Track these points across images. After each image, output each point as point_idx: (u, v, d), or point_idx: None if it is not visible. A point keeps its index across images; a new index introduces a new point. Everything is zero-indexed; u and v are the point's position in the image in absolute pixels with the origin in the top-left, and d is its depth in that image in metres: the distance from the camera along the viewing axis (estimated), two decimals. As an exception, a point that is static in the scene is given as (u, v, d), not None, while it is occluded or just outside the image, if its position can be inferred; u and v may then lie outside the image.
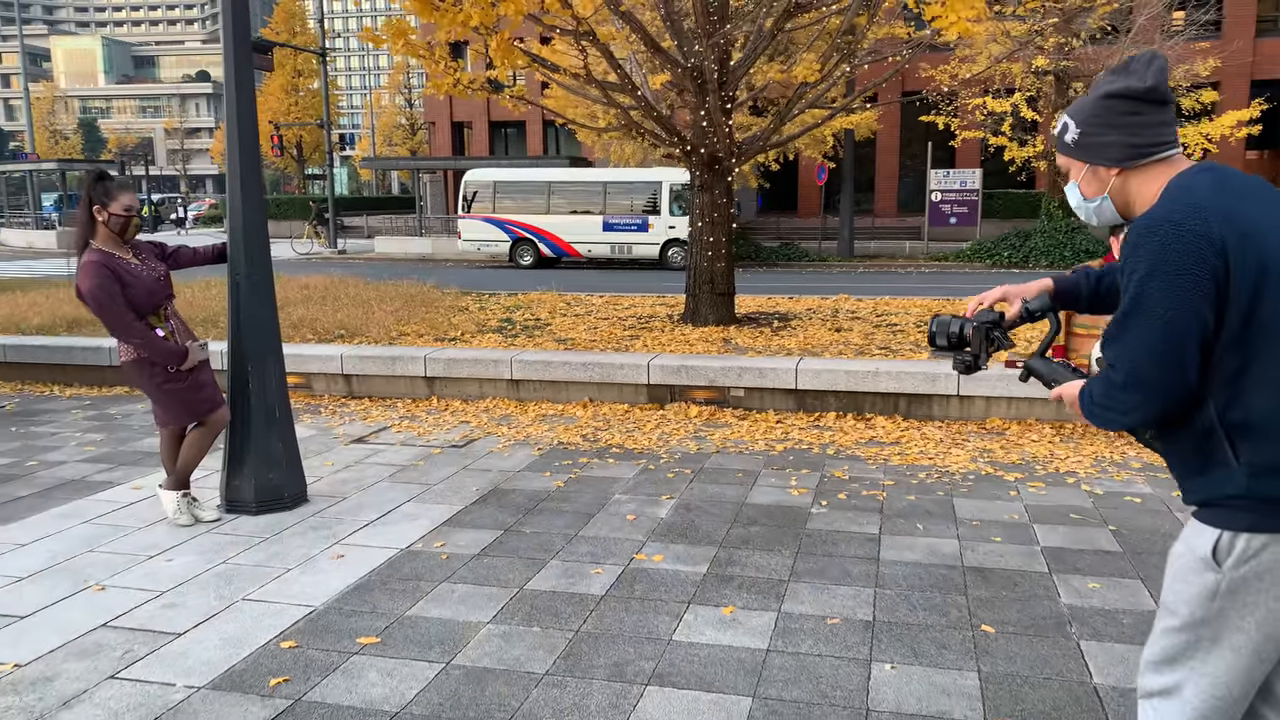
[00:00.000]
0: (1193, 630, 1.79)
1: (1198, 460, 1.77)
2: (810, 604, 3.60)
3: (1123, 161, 1.86)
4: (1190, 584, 1.78)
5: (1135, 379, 1.74)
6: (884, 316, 9.80)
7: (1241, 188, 1.77)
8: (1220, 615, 1.75)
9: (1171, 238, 1.69)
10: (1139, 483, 5.07)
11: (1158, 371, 1.71)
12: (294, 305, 9.83)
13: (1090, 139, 1.89)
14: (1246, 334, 1.67)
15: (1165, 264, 1.68)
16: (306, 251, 29.57)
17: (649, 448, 5.90)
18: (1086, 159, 1.91)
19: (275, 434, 4.73)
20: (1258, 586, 1.71)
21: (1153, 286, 1.70)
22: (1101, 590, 3.70)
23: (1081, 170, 1.93)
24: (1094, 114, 1.88)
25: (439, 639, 3.34)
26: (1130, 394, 1.75)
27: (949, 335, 2.22)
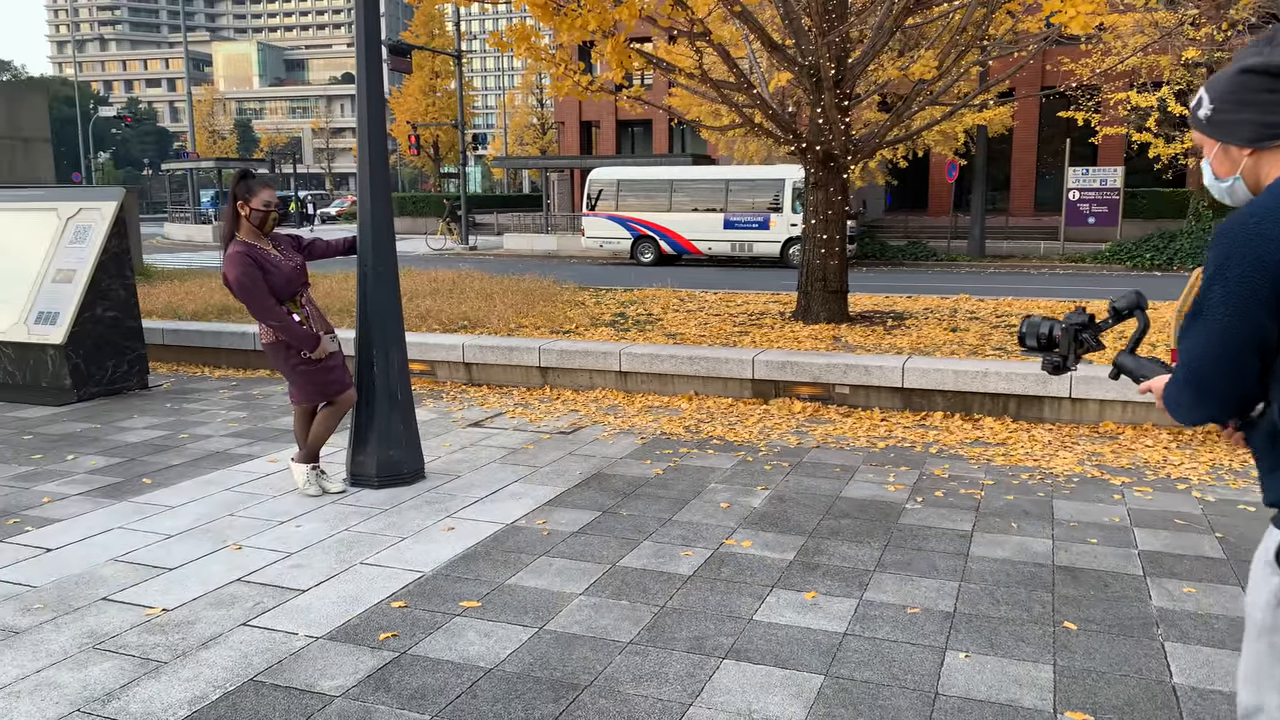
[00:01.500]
0: (1264, 638, 1.75)
1: (1268, 460, 1.74)
2: (892, 594, 3.68)
3: (1256, 141, 1.74)
4: (1259, 589, 1.76)
5: (1192, 380, 1.73)
6: (1004, 317, 9.60)
7: None
8: None
9: (1239, 240, 1.64)
10: (1256, 491, 4.89)
11: (1212, 375, 1.69)
12: (422, 297, 10.36)
13: (1223, 116, 1.77)
14: None
15: (1229, 268, 1.64)
16: (440, 247, 30.75)
17: (749, 440, 6.03)
18: (1218, 137, 1.80)
19: (397, 415, 5.09)
20: None
21: (1215, 290, 1.66)
22: (1196, 595, 3.63)
23: (1214, 148, 1.82)
24: (1229, 90, 1.76)
25: (534, 606, 3.58)
26: (1188, 393, 1.74)
27: (1038, 336, 2.25)
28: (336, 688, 2.97)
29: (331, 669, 3.10)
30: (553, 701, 2.89)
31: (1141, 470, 5.30)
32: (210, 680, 3.02)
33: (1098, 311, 2.28)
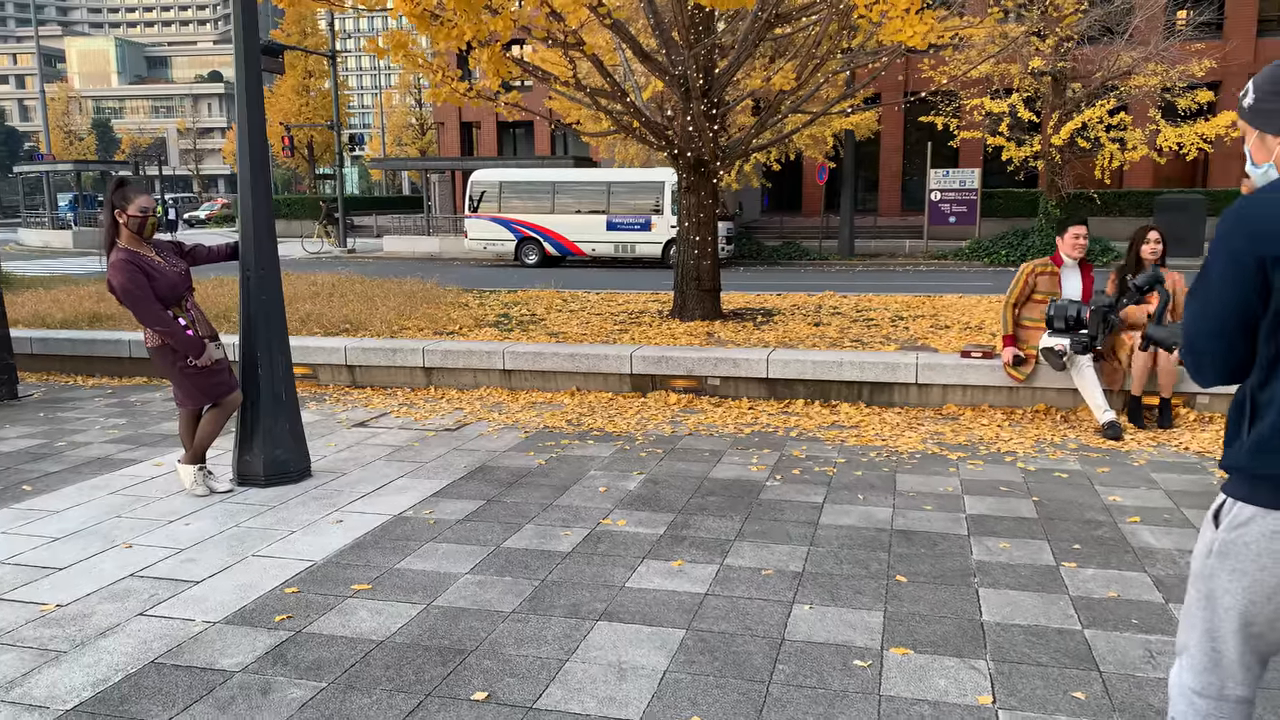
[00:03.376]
0: (1196, 584, 1.96)
1: (1231, 428, 1.90)
2: (750, 559, 4.09)
3: None
4: (1200, 540, 1.97)
5: (1190, 347, 1.89)
6: (863, 312, 10.27)
7: None
8: (1213, 574, 1.90)
9: (1236, 221, 1.78)
10: (1072, 461, 5.54)
11: (1205, 343, 1.85)
12: (302, 301, 10.36)
13: (1263, 105, 1.87)
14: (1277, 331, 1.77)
15: (1224, 246, 1.79)
16: (316, 250, 30.16)
17: (627, 431, 6.39)
18: (1258, 125, 1.89)
19: (282, 415, 5.24)
20: (1244, 554, 1.83)
21: (1212, 264, 1.82)
22: (1010, 549, 4.17)
23: (1253, 136, 1.92)
24: (1271, 81, 1.85)
25: (422, 586, 3.84)
26: (1190, 359, 1.91)
27: (1066, 318, 2.50)
28: (236, 664, 3.18)
29: (230, 649, 3.30)
30: (441, 665, 3.17)
31: (976, 446, 5.91)
32: (111, 665, 3.19)
33: None
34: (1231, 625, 1.90)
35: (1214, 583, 1.90)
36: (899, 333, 8.80)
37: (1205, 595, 1.94)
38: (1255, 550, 1.82)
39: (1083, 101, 24.72)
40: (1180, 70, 24.36)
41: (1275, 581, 1.81)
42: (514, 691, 2.99)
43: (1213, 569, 1.90)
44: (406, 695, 2.97)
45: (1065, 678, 3.04)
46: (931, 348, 7.79)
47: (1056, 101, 25.18)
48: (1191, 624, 1.99)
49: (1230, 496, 1.88)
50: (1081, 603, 3.60)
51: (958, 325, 9.05)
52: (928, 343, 8.13)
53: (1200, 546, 1.96)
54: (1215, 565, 1.90)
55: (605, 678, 3.07)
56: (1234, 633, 1.91)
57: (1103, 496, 4.89)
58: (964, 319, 9.44)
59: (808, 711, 2.85)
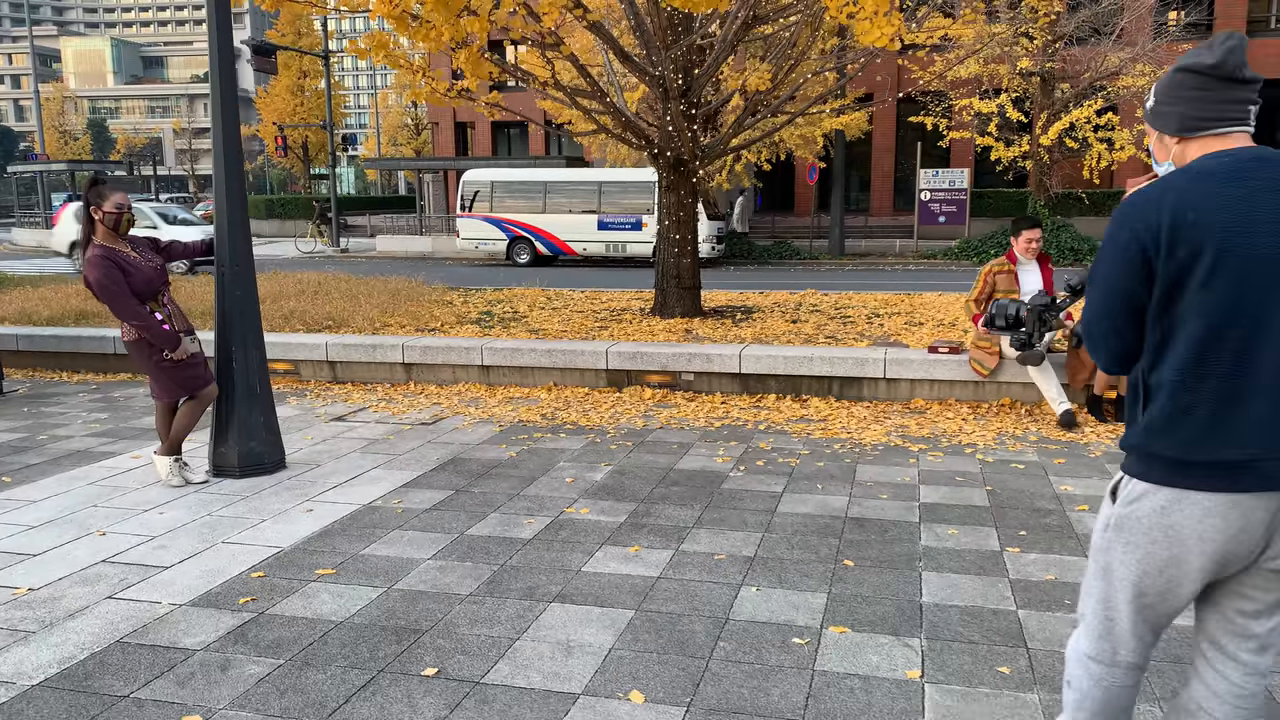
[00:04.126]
0: (1094, 558, 2.08)
1: (1130, 410, 2.02)
2: (705, 544, 4.22)
3: (1180, 131, 1.96)
4: (1099, 514, 2.09)
5: (1086, 332, 2.03)
6: (841, 310, 10.40)
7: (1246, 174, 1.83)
8: (1109, 547, 2.01)
9: (1124, 214, 1.91)
10: (1030, 453, 5.67)
11: (1096, 329, 1.99)
12: (287, 298, 10.48)
13: (1161, 108, 2.00)
14: (1162, 315, 1.88)
15: (1112, 237, 1.92)
16: (310, 250, 30.25)
17: (599, 424, 6.52)
18: (1157, 126, 2.02)
19: (257, 407, 5.36)
20: (1137, 528, 1.94)
21: (1101, 255, 1.95)
22: (957, 535, 4.30)
23: (1153, 136, 2.05)
24: (1167, 86, 1.98)
25: (385, 570, 3.96)
26: (1087, 344, 2.04)
27: (1006, 317, 2.58)
28: (198, 643, 3.30)
29: (194, 629, 3.42)
30: (396, 643, 3.29)
31: (938, 439, 6.03)
32: (78, 644, 3.31)
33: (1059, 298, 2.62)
34: (1125, 595, 2.00)
35: (1110, 555, 2.01)
36: (874, 329, 8.93)
37: (1103, 567, 2.04)
38: (1147, 525, 1.92)
39: (1071, 102, 24.87)
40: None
41: (1165, 555, 1.91)
42: (463, 668, 3.11)
43: (1109, 542, 2.01)
44: (360, 671, 3.09)
45: (994, 654, 3.17)
46: (902, 344, 7.91)
47: (1045, 102, 25.33)
48: (1089, 593, 2.10)
49: (1126, 474, 1.99)
50: (1019, 585, 3.73)
51: (931, 322, 9.18)
52: (900, 339, 8.26)
53: (1099, 521, 2.07)
54: (1111, 538, 2.00)
55: (552, 655, 3.20)
56: (1127, 603, 2.01)
57: (1055, 486, 5.02)
58: (939, 316, 9.58)
59: (743, 685, 2.97)
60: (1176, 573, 1.92)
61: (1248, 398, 1.82)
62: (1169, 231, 1.81)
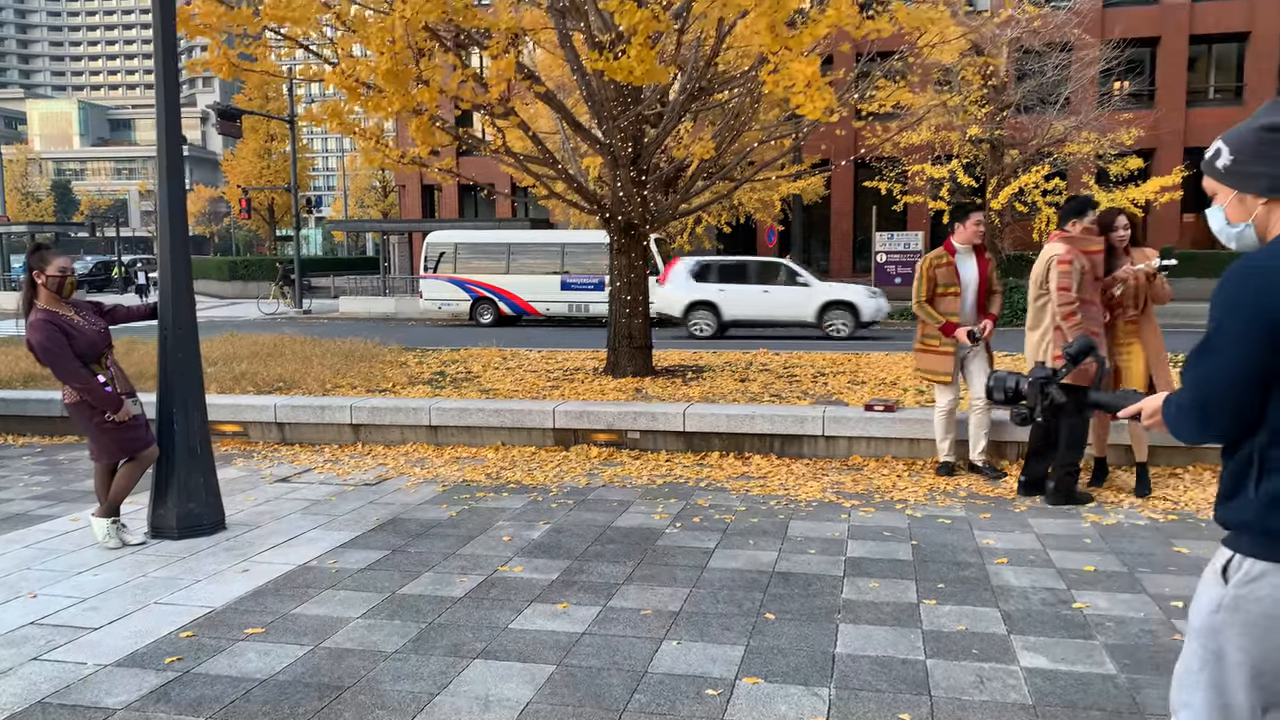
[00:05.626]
0: (1201, 640, 1.97)
1: (1232, 484, 1.94)
2: (633, 600, 4.31)
3: (1270, 192, 1.92)
4: (1203, 596, 1.98)
5: (1196, 406, 1.94)
6: (789, 369, 10.61)
7: None
8: (1222, 629, 1.91)
9: (1246, 286, 1.85)
10: (957, 509, 5.83)
11: (1214, 404, 1.91)
12: (240, 360, 10.52)
13: (1241, 167, 1.95)
14: None
15: (1234, 310, 1.86)
16: (272, 311, 30.23)
17: (543, 483, 6.61)
18: (1235, 186, 1.97)
19: (197, 469, 5.41)
20: (1256, 609, 1.86)
21: (1221, 327, 1.88)
22: (878, 588, 4.43)
23: (1229, 196, 1.99)
24: (1248, 143, 1.94)
25: (313, 629, 4.01)
26: (1192, 419, 1.97)
27: (1005, 390, 2.56)
28: (120, 703, 3.33)
29: (116, 689, 3.45)
30: (318, 699, 3.35)
31: (872, 495, 6.19)
32: (-2, 705, 3.33)
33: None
34: (1242, 678, 1.92)
35: (1223, 638, 1.93)
36: (818, 388, 9.13)
37: (1214, 652, 1.95)
38: (1269, 604, 1.86)
39: (1020, 167, 25.70)
40: (1111, 139, 25.46)
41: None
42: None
43: (1222, 624, 1.92)
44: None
45: (898, 701, 3.28)
46: (843, 402, 8.11)
47: (995, 167, 26.17)
48: (1195, 683, 2.00)
49: (1238, 552, 1.92)
50: (931, 635, 3.86)
51: (874, 381, 9.41)
52: (842, 397, 8.46)
53: (1204, 604, 1.97)
54: (1225, 620, 1.92)
55: (470, 709, 3.27)
56: (1244, 685, 1.93)
57: (978, 540, 5.18)
58: (881, 375, 9.81)
59: (652, 735, 3.06)
60: None
61: None
62: None
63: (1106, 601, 4.23)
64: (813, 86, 6.82)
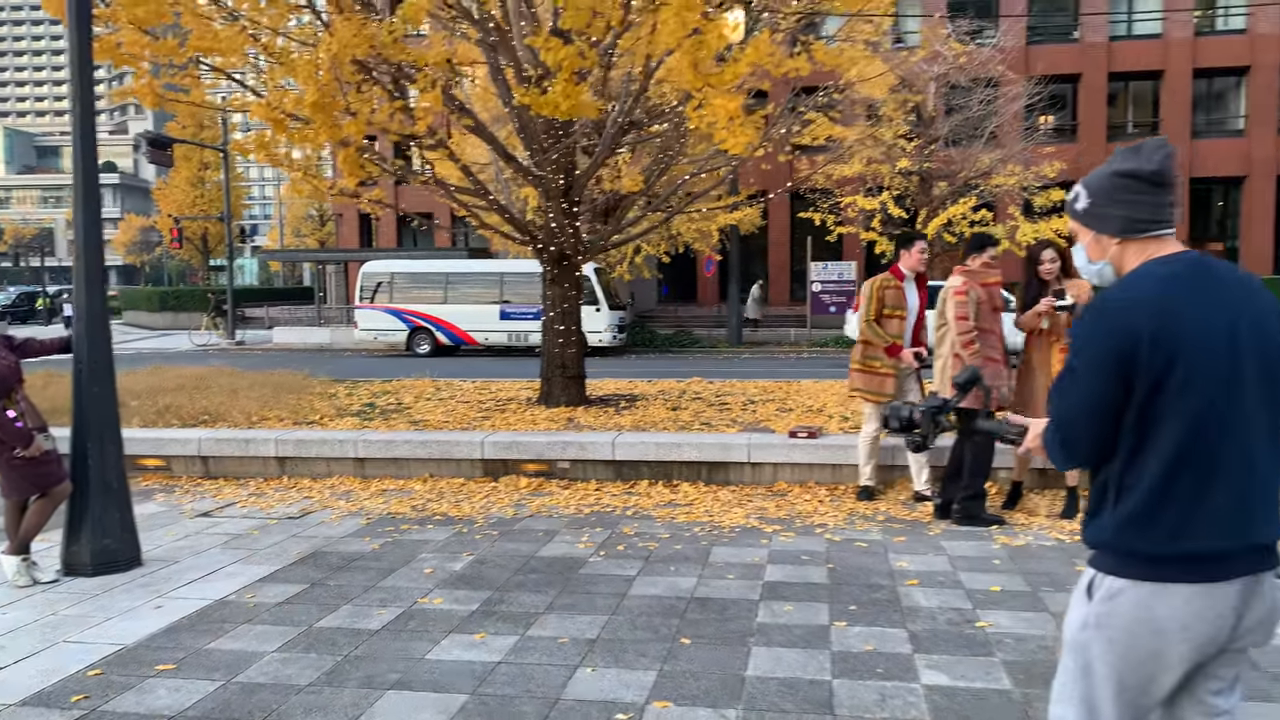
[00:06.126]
0: (1071, 656, 2.08)
1: (1094, 507, 2.06)
2: (552, 629, 4.35)
3: (1123, 233, 2.07)
4: (1073, 614, 2.09)
5: (1060, 435, 2.07)
6: (721, 397, 10.76)
7: (1201, 281, 1.98)
8: (1089, 645, 2.02)
9: (1101, 321, 1.99)
10: (874, 532, 5.99)
11: (1075, 434, 2.04)
12: (166, 393, 10.32)
13: (1100, 209, 2.09)
14: (1141, 418, 1.95)
15: (1090, 343, 2.00)
16: (204, 343, 29.65)
17: (469, 515, 6.61)
18: (1093, 227, 2.12)
19: (112, 504, 5.33)
20: (1117, 625, 1.97)
21: (1079, 360, 2.01)
22: (792, 612, 4.53)
23: (1088, 236, 2.13)
24: (1104, 188, 2.08)
25: (226, 664, 3.98)
26: (1058, 447, 2.09)
27: (900, 419, 2.64)
28: (19, 744, 3.28)
29: (17, 730, 3.39)
30: (225, 735, 3.33)
31: (793, 520, 6.32)
32: (-109, 750, 3.25)
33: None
34: (1108, 692, 2.02)
35: (1090, 653, 2.03)
36: (747, 415, 9.27)
37: (1082, 666, 2.05)
38: (1129, 619, 1.97)
39: (948, 199, 26.43)
40: (1034, 171, 26.33)
41: (1148, 648, 1.97)
42: (289, 756, 3.16)
43: (1088, 640, 2.03)
44: (183, 764, 3.12)
45: (802, 721, 3.37)
46: (770, 429, 8.26)
47: (924, 199, 26.90)
48: (1068, 697, 2.10)
49: (1099, 571, 2.03)
50: (839, 656, 3.97)
51: (801, 409, 9.58)
52: (768, 425, 8.61)
53: (1073, 620, 2.08)
54: (1091, 636, 2.02)
55: (381, 740, 3.28)
56: (1111, 699, 2.03)
57: (892, 563, 5.32)
58: (809, 403, 10.00)
59: (560, 761, 3.10)
60: (1159, 665, 1.97)
61: (1213, 494, 1.95)
62: (1150, 339, 1.90)
63: (1009, 620, 4.39)
64: (735, 122, 7.01)
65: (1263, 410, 2.02)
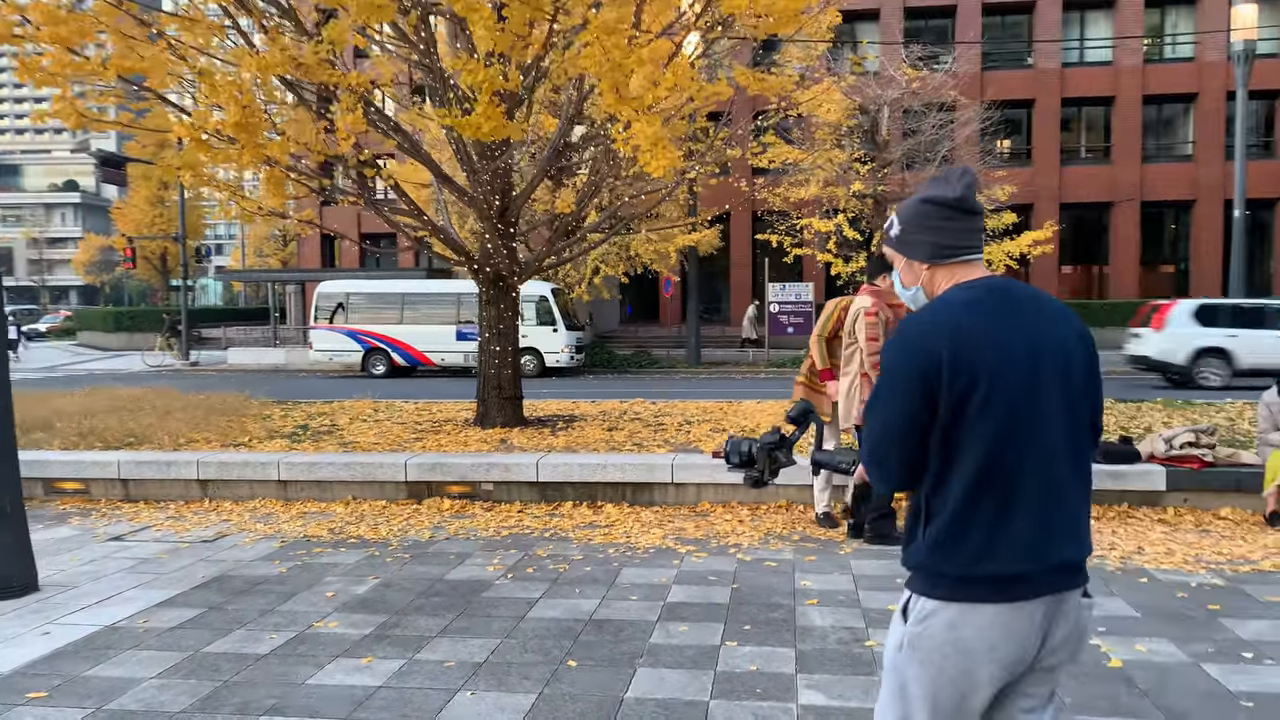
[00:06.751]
0: (890, 675, 2.11)
1: (908, 530, 2.10)
2: (442, 653, 4.31)
3: (932, 259, 2.13)
4: (891, 634, 2.13)
5: (871, 456, 2.10)
6: (659, 417, 10.78)
7: (1003, 306, 2.03)
8: (904, 665, 2.05)
9: (904, 346, 2.03)
10: (787, 551, 6.01)
11: (884, 456, 2.06)
12: (96, 415, 10.16)
13: (908, 236, 2.16)
14: (945, 441, 1.98)
15: (894, 367, 2.04)
16: (157, 364, 29.26)
17: (385, 538, 6.55)
18: (905, 253, 2.18)
19: (6, 528, 5.22)
20: (929, 645, 2.00)
21: (884, 383, 2.05)
22: (686, 632, 4.53)
23: (901, 262, 2.20)
24: (912, 215, 2.15)
25: (101, 691, 3.91)
26: (871, 468, 2.12)
27: (740, 454, 2.50)
28: None
29: None
30: (81, 764, 3.26)
31: (709, 540, 6.32)
32: None
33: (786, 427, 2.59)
34: (923, 712, 2.05)
35: (905, 674, 2.06)
36: (680, 436, 9.29)
37: (899, 687, 2.08)
38: (939, 640, 2.00)
39: (902, 221, 26.73)
40: (986, 195, 26.71)
41: (957, 668, 2.00)
42: (142, 785, 3.11)
43: (904, 661, 2.06)
44: (30, 795, 3.05)
45: (671, 743, 3.36)
46: (698, 449, 8.28)
47: (878, 221, 27.17)
48: (888, 715, 2.13)
49: (914, 593, 2.06)
50: (722, 676, 3.97)
51: (736, 428, 9.62)
52: (700, 445, 8.63)
53: (891, 641, 2.11)
54: (906, 657, 2.05)
55: (240, 767, 3.23)
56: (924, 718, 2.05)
57: (797, 582, 5.34)
58: (745, 423, 10.04)
59: (417, 786, 3.07)
60: (969, 684, 2.00)
61: (1018, 516, 1.97)
62: (950, 361, 1.93)
63: (899, 639, 4.41)
64: (657, 145, 7.06)
65: (1067, 431, 2.06)
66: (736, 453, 2.58)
